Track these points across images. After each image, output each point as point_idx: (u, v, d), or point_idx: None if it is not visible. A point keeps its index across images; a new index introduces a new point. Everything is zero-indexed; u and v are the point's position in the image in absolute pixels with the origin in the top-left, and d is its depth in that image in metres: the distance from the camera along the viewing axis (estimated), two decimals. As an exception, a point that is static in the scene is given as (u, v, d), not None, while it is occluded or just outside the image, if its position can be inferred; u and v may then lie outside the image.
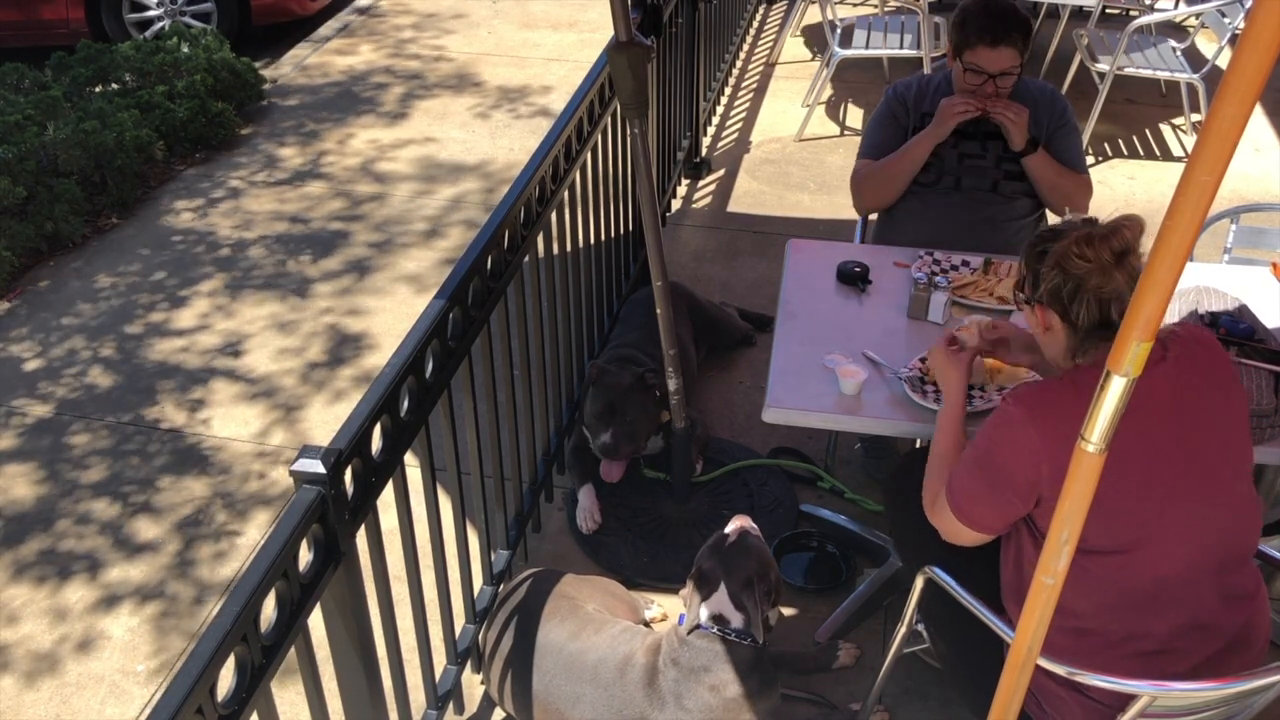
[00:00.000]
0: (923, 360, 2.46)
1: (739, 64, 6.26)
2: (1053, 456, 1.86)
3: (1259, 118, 5.55)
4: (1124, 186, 4.97)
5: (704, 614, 2.35)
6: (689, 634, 2.35)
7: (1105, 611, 1.92)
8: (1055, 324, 1.94)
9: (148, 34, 6.42)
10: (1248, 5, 4.98)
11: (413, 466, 2.21)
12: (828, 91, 5.72)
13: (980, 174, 3.09)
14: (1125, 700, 1.82)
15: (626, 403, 3.05)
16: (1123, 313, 1.82)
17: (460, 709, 2.65)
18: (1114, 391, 1.26)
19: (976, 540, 2.06)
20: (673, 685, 2.32)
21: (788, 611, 2.92)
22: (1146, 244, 1.71)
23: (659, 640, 2.41)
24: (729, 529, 2.50)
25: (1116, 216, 1.91)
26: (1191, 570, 1.90)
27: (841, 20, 5.50)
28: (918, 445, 2.80)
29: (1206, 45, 6.14)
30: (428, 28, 6.89)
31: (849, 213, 3.39)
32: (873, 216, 3.36)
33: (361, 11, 7.18)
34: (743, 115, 5.67)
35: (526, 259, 2.77)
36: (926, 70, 5.06)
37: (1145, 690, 1.78)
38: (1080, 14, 5.93)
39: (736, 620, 2.34)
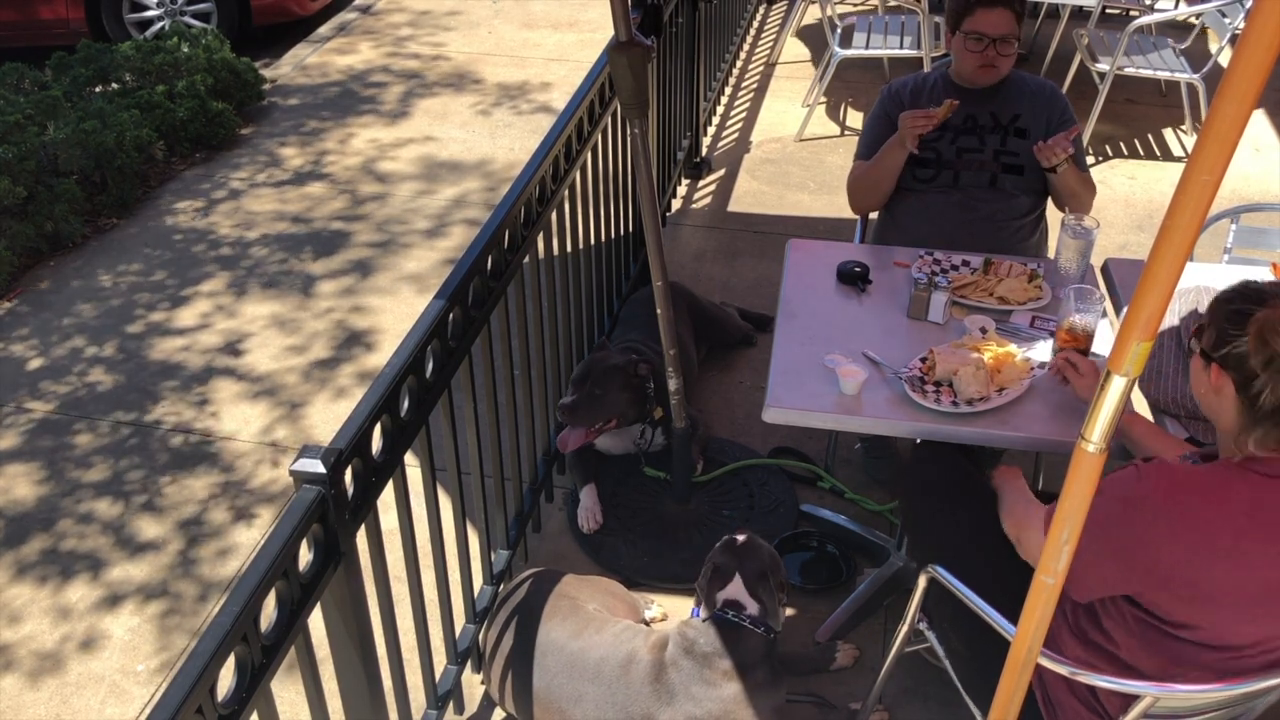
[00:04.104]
0: (923, 360, 2.46)
1: (739, 64, 6.26)
2: (1184, 559, 1.71)
3: (1259, 118, 5.55)
4: (1124, 186, 4.97)
5: (719, 600, 2.39)
6: (701, 620, 2.38)
7: (1166, 670, 1.85)
8: (1228, 391, 1.73)
9: (148, 34, 6.42)
10: (1248, 5, 4.97)
11: (413, 466, 2.21)
12: (828, 92, 5.72)
13: (979, 168, 3.09)
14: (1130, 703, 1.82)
15: (603, 376, 3.04)
16: None
17: (460, 709, 2.65)
18: (1114, 391, 1.26)
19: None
20: (684, 677, 2.33)
21: (788, 612, 2.92)
22: (1142, 243, 1.65)
23: (665, 637, 2.42)
24: (738, 536, 2.52)
25: None
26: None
27: (841, 20, 5.50)
28: (918, 441, 2.80)
29: (1207, 45, 6.14)
30: (427, 27, 6.89)
31: (849, 213, 3.39)
32: (873, 216, 3.36)
33: (361, 11, 7.18)
34: (743, 115, 5.67)
35: (526, 259, 2.77)
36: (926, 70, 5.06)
37: (1148, 691, 1.78)
38: (1080, 14, 5.93)
39: (752, 607, 2.38)
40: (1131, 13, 5.77)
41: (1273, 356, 1.66)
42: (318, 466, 1.78)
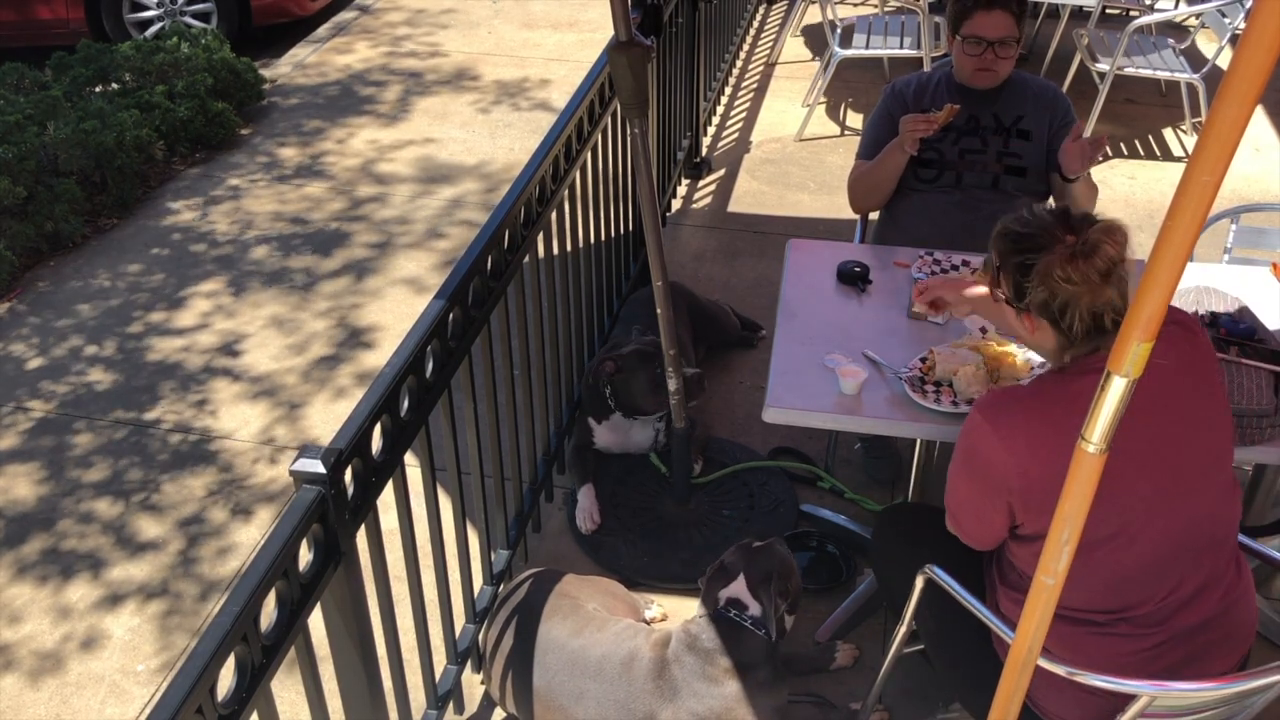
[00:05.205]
0: (923, 360, 2.46)
1: (739, 64, 6.26)
2: (1020, 466, 1.87)
3: (1259, 118, 5.55)
4: (1124, 186, 4.97)
5: (722, 599, 2.39)
6: (703, 617, 2.39)
7: (1094, 598, 1.92)
8: (1045, 328, 1.92)
9: (148, 34, 6.42)
10: (1248, 5, 4.98)
11: (413, 466, 2.21)
12: (828, 91, 5.72)
13: (981, 169, 3.09)
14: (1123, 697, 1.82)
15: (659, 352, 3.05)
16: (1115, 320, 1.86)
17: (460, 709, 2.65)
18: (1114, 392, 1.25)
19: (978, 546, 2.10)
20: (686, 673, 2.34)
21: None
22: (1142, 243, 1.73)
23: (667, 635, 2.43)
24: (764, 541, 2.54)
25: (1098, 227, 1.86)
26: (1170, 552, 1.90)
27: (841, 20, 5.50)
28: (909, 497, 2.82)
29: (1206, 45, 6.14)
30: (427, 28, 6.89)
31: (849, 213, 3.39)
32: (873, 216, 3.36)
33: (360, 10, 7.18)
34: (743, 115, 5.67)
35: (526, 259, 2.77)
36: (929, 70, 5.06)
37: (1145, 690, 1.78)
38: (1080, 14, 5.93)
39: (753, 608, 2.39)
40: (1131, 13, 5.77)
41: (1065, 296, 1.85)
42: (318, 466, 1.78)
